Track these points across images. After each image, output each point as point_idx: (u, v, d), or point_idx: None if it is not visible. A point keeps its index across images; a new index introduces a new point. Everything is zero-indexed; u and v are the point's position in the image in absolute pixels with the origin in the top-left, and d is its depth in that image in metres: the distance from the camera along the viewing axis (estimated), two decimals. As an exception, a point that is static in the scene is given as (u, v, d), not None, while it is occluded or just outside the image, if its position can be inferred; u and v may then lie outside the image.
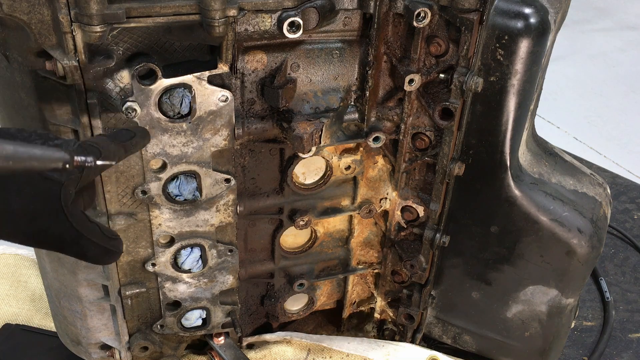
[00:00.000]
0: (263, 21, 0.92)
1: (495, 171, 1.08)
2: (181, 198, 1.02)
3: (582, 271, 1.18)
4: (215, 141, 0.98)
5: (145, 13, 0.81)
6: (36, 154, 0.56)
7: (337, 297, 1.38)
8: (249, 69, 0.98)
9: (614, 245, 1.85)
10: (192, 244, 1.08)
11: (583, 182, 1.20)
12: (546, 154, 1.20)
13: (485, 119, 1.03)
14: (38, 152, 0.56)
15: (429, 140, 1.09)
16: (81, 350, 1.23)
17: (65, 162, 0.57)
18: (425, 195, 1.15)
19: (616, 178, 2.13)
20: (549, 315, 1.24)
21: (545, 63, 1.05)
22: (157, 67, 0.87)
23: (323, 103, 1.04)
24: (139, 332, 1.18)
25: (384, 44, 1.01)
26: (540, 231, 1.12)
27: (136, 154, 0.95)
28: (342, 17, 0.97)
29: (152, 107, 0.91)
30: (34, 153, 0.56)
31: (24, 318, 1.42)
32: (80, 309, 1.13)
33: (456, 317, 1.32)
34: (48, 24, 0.80)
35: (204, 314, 1.20)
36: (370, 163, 1.15)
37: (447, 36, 0.98)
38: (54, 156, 0.56)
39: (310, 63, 1.01)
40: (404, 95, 1.05)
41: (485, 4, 0.93)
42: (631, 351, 1.54)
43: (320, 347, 1.30)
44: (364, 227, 1.26)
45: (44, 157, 0.56)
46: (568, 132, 3.07)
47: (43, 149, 0.56)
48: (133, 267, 1.09)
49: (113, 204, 0.99)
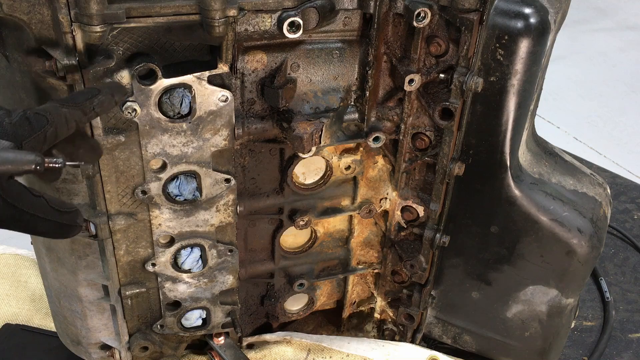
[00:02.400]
0: (263, 21, 0.92)
1: (495, 171, 1.08)
2: (181, 198, 1.02)
3: (582, 271, 1.18)
4: (215, 141, 0.98)
5: (145, 13, 0.81)
6: (9, 159, 0.59)
7: (337, 297, 1.38)
8: (249, 69, 0.98)
9: (614, 245, 1.85)
10: (192, 244, 1.08)
11: (583, 182, 1.20)
12: (546, 154, 1.20)
13: (485, 119, 1.03)
14: (11, 156, 0.60)
15: (429, 140, 1.09)
16: (81, 350, 1.23)
17: (37, 164, 0.61)
18: (425, 195, 1.15)
19: (616, 178, 2.13)
20: (549, 315, 1.24)
21: (545, 63, 1.05)
22: (157, 67, 0.87)
23: (323, 103, 1.04)
24: (139, 332, 1.18)
25: (384, 44, 1.01)
26: (540, 231, 1.12)
27: (136, 154, 0.95)
28: (342, 17, 0.97)
29: (152, 107, 0.91)
30: (7, 157, 0.59)
31: (24, 318, 1.42)
32: (80, 309, 1.13)
33: (456, 317, 1.32)
34: (48, 24, 0.80)
35: (204, 314, 1.20)
36: (370, 163, 1.15)
37: (447, 36, 0.98)
38: (26, 159, 0.60)
39: (310, 63, 1.01)
40: (404, 95, 1.05)
41: (485, 4, 0.93)
42: (631, 351, 1.54)
43: (320, 347, 1.30)
44: (364, 227, 1.26)
45: (16, 160, 0.60)
46: (568, 132, 3.07)
47: (15, 153, 0.60)
48: (133, 267, 1.09)
49: (113, 204, 0.99)
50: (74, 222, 0.74)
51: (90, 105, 0.77)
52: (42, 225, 0.71)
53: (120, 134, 0.93)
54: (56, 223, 0.72)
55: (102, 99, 0.79)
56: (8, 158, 0.59)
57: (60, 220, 0.72)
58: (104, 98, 0.79)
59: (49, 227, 0.72)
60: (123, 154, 0.94)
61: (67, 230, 0.74)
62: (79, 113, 0.75)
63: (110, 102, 0.81)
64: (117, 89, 0.83)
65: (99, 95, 0.78)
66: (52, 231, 0.73)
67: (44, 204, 0.71)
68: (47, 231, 0.72)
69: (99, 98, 0.78)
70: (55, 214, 0.72)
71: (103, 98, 0.79)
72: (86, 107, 0.76)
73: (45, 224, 0.71)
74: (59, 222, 0.72)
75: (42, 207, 0.71)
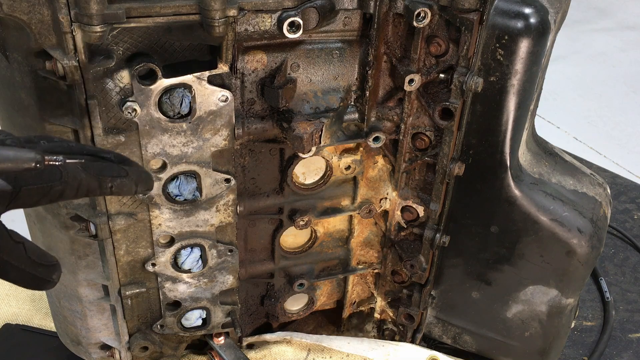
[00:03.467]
0: (263, 21, 0.92)
1: (495, 171, 1.08)
2: (181, 198, 1.02)
3: (582, 271, 1.18)
4: (215, 141, 0.98)
5: (145, 13, 0.81)
6: (9, 156, 0.59)
7: (337, 297, 1.38)
8: (249, 69, 0.98)
9: (614, 245, 1.85)
10: (192, 244, 1.08)
11: (583, 182, 1.20)
12: (546, 154, 1.20)
13: (485, 119, 1.03)
14: (11, 153, 0.59)
15: (429, 140, 1.09)
16: (81, 350, 1.23)
17: (37, 162, 0.60)
18: (425, 195, 1.15)
19: (616, 178, 2.13)
20: (549, 315, 1.24)
21: (545, 63, 1.05)
22: (157, 67, 0.87)
23: (323, 103, 1.04)
24: (139, 332, 1.18)
25: (384, 44, 1.01)
26: (540, 231, 1.12)
27: (136, 154, 0.95)
28: (342, 17, 0.97)
29: (152, 107, 0.91)
30: (7, 155, 0.59)
31: (24, 318, 1.42)
32: (80, 309, 1.13)
33: (456, 317, 1.32)
34: (48, 24, 0.80)
35: (204, 314, 1.20)
36: (370, 163, 1.15)
37: (447, 36, 0.98)
38: (26, 157, 0.60)
39: (310, 63, 1.01)
40: (404, 95, 1.05)
41: (485, 4, 0.93)
42: (631, 351, 1.54)
43: (320, 347, 1.30)
44: (364, 227, 1.26)
45: (17, 158, 0.60)
46: (568, 132, 3.07)
47: (15, 150, 0.60)
48: (133, 267, 1.09)
49: (113, 204, 0.99)
50: (48, 277, 0.69)
51: (110, 184, 0.72)
52: (13, 272, 0.66)
53: (120, 134, 0.93)
54: (29, 274, 0.67)
55: (124, 182, 0.73)
56: (8, 156, 0.59)
57: (34, 273, 0.68)
58: (126, 182, 0.74)
59: (21, 276, 0.67)
60: (123, 154, 0.94)
61: (39, 283, 0.69)
62: (94, 185, 0.70)
63: (130, 190, 0.75)
64: (144, 179, 0.78)
65: (125, 178, 0.73)
66: (23, 281, 0.68)
67: (22, 252, 0.66)
68: (17, 280, 0.67)
69: (122, 181, 0.73)
70: (30, 265, 0.67)
71: (126, 182, 0.73)
72: (105, 183, 0.71)
73: (17, 273, 0.67)
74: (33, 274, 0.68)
75: (19, 255, 0.66)
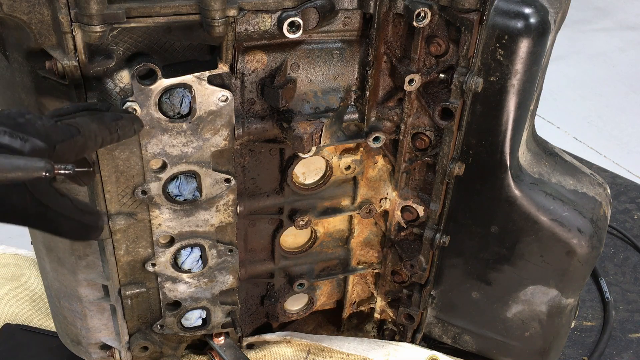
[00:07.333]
0: (263, 21, 0.92)
1: (495, 171, 1.08)
2: (181, 198, 1.02)
3: (582, 271, 1.18)
4: (215, 141, 0.98)
5: (145, 13, 0.81)
6: (20, 166, 0.60)
7: (337, 297, 1.38)
8: (249, 69, 0.98)
9: (614, 245, 1.85)
10: (192, 244, 1.08)
11: (583, 182, 1.20)
12: (546, 154, 1.20)
13: (485, 119, 1.03)
14: (21, 163, 0.60)
15: (429, 140, 1.09)
16: (81, 350, 1.23)
17: (47, 171, 0.61)
18: (425, 195, 1.15)
19: (616, 178, 2.13)
20: (549, 315, 1.24)
21: (545, 63, 1.05)
22: (157, 67, 0.87)
23: (323, 103, 1.04)
24: (139, 332, 1.18)
25: (384, 44, 1.01)
26: (540, 231, 1.12)
27: (136, 154, 0.95)
28: (342, 17, 0.97)
29: (152, 107, 0.91)
30: (18, 164, 0.60)
31: (24, 318, 1.42)
32: (80, 309, 1.13)
33: (456, 317, 1.32)
34: (48, 24, 0.80)
35: (204, 314, 1.20)
36: (370, 163, 1.15)
37: (447, 36, 0.98)
38: (36, 166, 0.61)
39: (310, 63, 1.01)
40: (404, 95, 1.05)
41: (485, 4, 0.93)
42: (631, 351, 1.54)
43: (320, 347, 1.30)
44: (364, 227, 1.26)
45: (27, 167, 0.61)
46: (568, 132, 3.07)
47: (26, 159, 0.61)
48: (133, 267, 1.09)
49: (113, 204, 0.99)
50: (95, 224, 0.74)
51: (116, 127, 0.77)
52: (65, 224, 0.71)
53: (120, 134, 0.93)
54: (79, 223, 0.72)
55: (125, 124, 0.79)
56: (19, 165, 0.60)
57: (84, 221, 0.72)
58: (126, 123, 0.80)
59: (72, 226, 0.71)
60: (123, 154, 0.94)
61: (89, 231, 0.74)
62: (106, 132, 0.75)
63: (130, 129, 0.82)
64: (135, 118, 0.84)
65: (122, 119, 0.79)
66: (75, 231, 0.72)
67: (69, 203, 0.71)
68: (69, 230, 0.72)
69: (122, 122, 0.79)
70: (79, 214, 0.72)
71: (125, 123, 0.79)
72: (112, 127, 0.77)
73: (69, 223, 0.71)
74: (82, 222, 0.72)
75: (67, 206, 0.70)
